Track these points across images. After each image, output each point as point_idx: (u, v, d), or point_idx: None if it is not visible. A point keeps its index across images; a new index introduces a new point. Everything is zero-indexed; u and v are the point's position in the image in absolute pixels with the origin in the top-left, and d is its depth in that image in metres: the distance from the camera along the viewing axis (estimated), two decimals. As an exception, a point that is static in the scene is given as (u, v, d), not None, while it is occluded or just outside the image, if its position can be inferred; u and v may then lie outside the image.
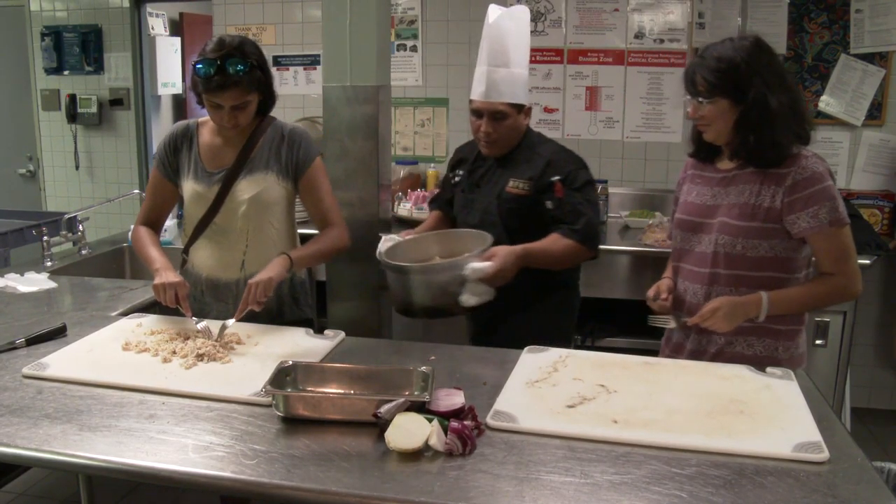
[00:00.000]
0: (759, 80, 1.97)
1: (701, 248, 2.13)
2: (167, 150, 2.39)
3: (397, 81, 4.24)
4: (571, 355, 2.00)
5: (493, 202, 2.54)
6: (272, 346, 2.06)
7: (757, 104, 1.97)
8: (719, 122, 2.03)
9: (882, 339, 4.09)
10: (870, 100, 3.98)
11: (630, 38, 4.21)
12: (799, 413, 1.66)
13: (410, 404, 1.55)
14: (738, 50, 2.00)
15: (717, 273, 2.07)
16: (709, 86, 2.00)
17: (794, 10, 3.98)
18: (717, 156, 2.17)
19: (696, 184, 2.20)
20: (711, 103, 2.00)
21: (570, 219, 2.42)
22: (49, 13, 5.12)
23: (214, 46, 2.17)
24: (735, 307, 2.00)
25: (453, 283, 2.18)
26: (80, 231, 3.41)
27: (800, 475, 1.41)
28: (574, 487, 1.37)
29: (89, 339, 2.10)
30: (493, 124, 2.46)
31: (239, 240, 2.35)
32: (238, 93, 2.17)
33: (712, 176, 2.15)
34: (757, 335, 2.08)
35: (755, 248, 2.04)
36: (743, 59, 1.98)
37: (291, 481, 1.39)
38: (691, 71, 2.05)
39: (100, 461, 1.47)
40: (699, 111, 2.04)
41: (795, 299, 2.05)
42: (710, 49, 2.04)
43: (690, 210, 2.17)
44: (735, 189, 2.07)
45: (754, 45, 2.01)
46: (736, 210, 2.05)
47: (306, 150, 2.38)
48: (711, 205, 2.12)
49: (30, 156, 5.42)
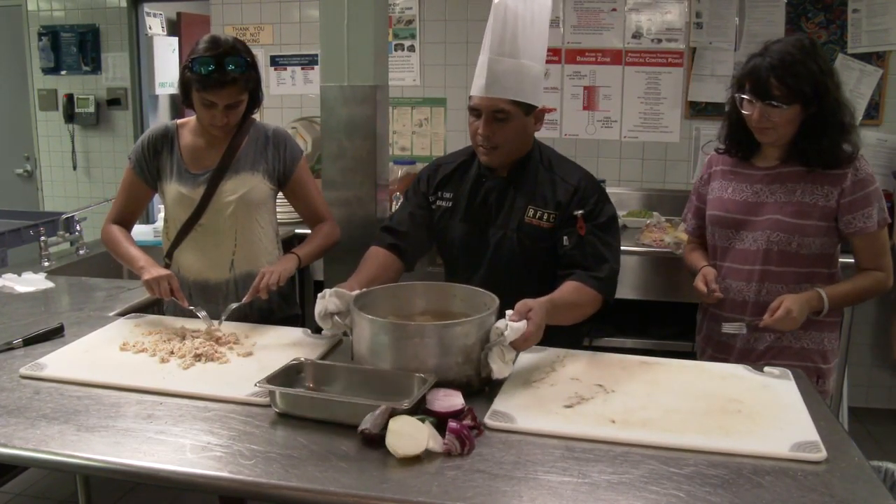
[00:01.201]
0: (831, 84, 1.99)
1: (746, 245, 2.15)
2: (145, 153, 2.37)
3: (395, 81, 4.25)
4: (569, 355, 2.00)
5: (512, 235, 2.14)
6: (270, 346, 2.05)
7: (830, 109, 1.99)
8: (788, 126, 2.03)
9: (880, 339, 4.09)
10: (867, 99, 3.99)
11: (628, 37, 4.21)
12: (796, 412, 1.66)
13: (392, 410, 1.52)
14: (809, 53, 1.99)
15: (769, 270, 2.11)
16: (788, 91, 1.98)
17: (792, 10, 3.99)
18: (755, 153, 2.17)
19: (730, 180, 2.20)
20: (788, 108, 1.99)
21: (590, 263, 2.05)
22: (46, 13, 5.12)
23: (210, 45, 2.16)
24: (803, 305, 2.03)
25: (477, 348, 1.72)
26: (77, 231, 3.41)
27: (797, 475, 1.41)
28: (572, 487, 1.37)
29: (87, 339, 2.09)
30: (493, 126, 2.05)
31: (227, 240, 2.35)
32: (234, 91, 2.17)
33: (752, 173, 2.16)
34: (804, 328, 2.11)
35: (809, 245, 2.08)
36: (817, 64, 1.98)
37: (289, 481, 1.39)
38: (764, 75, 2.00)
39: (97, 461, 1.47)
40: (770, 115, 2.01)
41: (847, 293, 2.12)
42: (777, 53, 2.00)
43: (730, 207, 2.18)
44: (783, 187, 2.10)
45: (817, 47, 2.03)
46: (790, 207, 2.07)
47: (292, 151, 2.40)
48: (755, 202, 2.13)
49: (27, 156, 5.41)
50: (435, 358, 1.69)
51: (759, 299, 2.14)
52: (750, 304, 2.16)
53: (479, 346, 1.73)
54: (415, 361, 1.69)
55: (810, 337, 2.16)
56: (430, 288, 2.02)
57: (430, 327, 1.73)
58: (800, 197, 2.08)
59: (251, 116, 2.40)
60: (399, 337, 1.72)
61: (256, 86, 2.28)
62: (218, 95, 2.16)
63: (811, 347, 2.15)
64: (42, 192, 5.36)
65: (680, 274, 3.34)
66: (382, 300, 1.94)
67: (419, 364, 1.69)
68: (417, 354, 1.69)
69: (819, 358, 2.17)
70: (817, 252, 2.11)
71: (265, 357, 1.97)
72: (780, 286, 2.12)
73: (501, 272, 2.14)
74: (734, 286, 2.17)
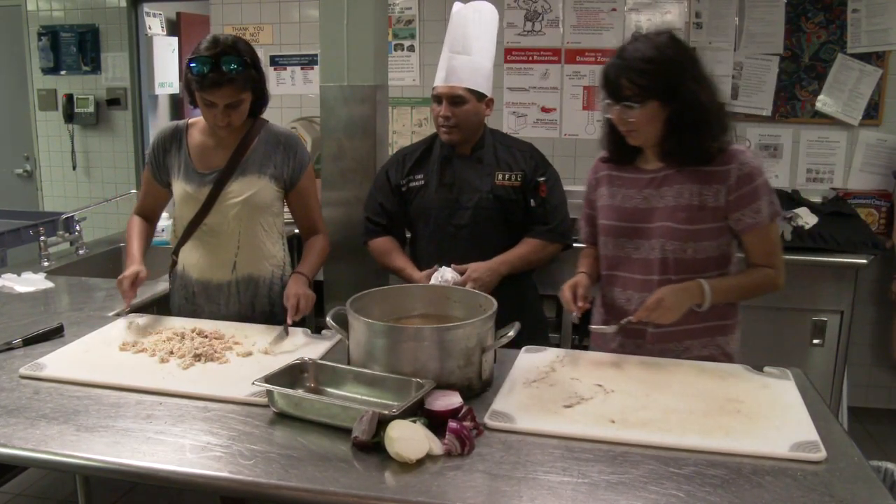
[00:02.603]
0: (688, 77, 1.89)
1: (641, 254, 2.04)
2: (156, 152, 2.40)
3: (394, 81, 4.24)
4: (569, 355, 2.00)
5: (487, 196, 2.55)
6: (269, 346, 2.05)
7: (689, 102, 1.89)
8: (649, 125, 1.93)
9: (879, 339, 4.09)
10: (867, 99, 3.98)
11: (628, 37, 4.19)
12: (796, 412, 1.66)
13: (380, 416, 1.50)
14: (661, 47, 1.90)
15: (668, 279, 1.99)
16: (638, 89, 1.89)
17: (792, 10, 3.99)
18: (637, 156, 2.07)
19: (619, 186, 2.09)
20: (642, 108, 1.90)
21: (549, 219, 2.58)
22: (46, 13, 5.12)
23: (209, 44, 2.16)
24: (678, 294, 1.92)
25: (477, 351, 1.76)
26: (77, 231, 3.41)
27: (797, 474, 1.41)
28: (571, 487, 1.37)
29: (86, 339, 2.09)
30: (452, 108, 2.48)
31: (230, 241, 2.35)
32: (232, 91, 2.17)
33: (637, 177, 2.06)
34: (697, 336, 2.05)
35: (705, 249, 1.99)
36: (669, 57, 1.89)
37: (289, 481, 1.39)
38: (613, 75, 1.93)
39: (97, 461, 1.47)
40: (627, 117, 1.93)
41: (731, 287, 2.01)
42: (630, 50, 1.93)
43: (620, 215, 2.07)
44: (671, 190, 1.99)
45: (674, 40, 1.93)
46: (681, 213, 1.97)
47: (301, 157, 2.40)
48: (646, 208, 2.03)
49: (27, 156, 5.41)
50: (436, 361, 1.69)
51: None
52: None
53: (480, 348, 1.74)
54: (414, 365, 1.69)
55: (715, 344, 2.06)
56: (426, 290, 2.05)
57: (429, 330, 1.72)
58: (689, 200, 1.97)
59: (261, 118, 2.40)
60: (397, 340, 1.72)
61: (258, 85, 2.28)
62: (216, 95, 2.16)
63: (714, 353, 2.06)
64: (42, 192, 5.36)
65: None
66: (377, 303, 1.94)
67: (419, 367, 1.68)
68: (417, 358, 1.69)
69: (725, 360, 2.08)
70: (715, 254, 2.01)
71: (265, 357, 1.97)
72: None
73: (482, 227, 2.55)
74: (635, 297, 2.05)
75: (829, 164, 4.09)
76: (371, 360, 1.74)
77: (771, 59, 4.05)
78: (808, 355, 3.47)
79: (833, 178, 4.10)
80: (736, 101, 4.10)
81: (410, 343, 1.70)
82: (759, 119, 4.11)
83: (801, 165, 4.13)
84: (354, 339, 1.80)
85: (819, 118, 4.04)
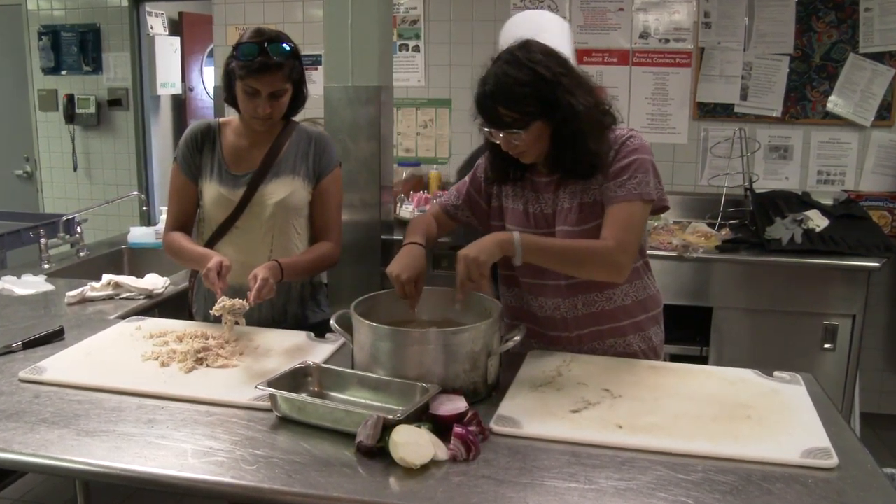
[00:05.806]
0: (561, 90, 1.82)
1: None
2: (190, 149, 2.31)
3: (400, 82, 4.23)
4: (575, 359, 1.98)
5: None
6: (272, 350, 2.03)
7: (567, 115, 1.83)
8: (538, 143, 1.88)
9: (892, 343, 4.06)
10: (879, 100, 3.96)
11: (635, 37, 4.19)
12: (807, 418, 1.64)
13: (385, 421, 1.49)
14: (529, 66, 1.82)
15: (576, 283, 1.97)
16: (519, 115, 1.83)
17: (802, 9, 3.97)
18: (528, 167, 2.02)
19: (524, 189, 2.05)
20: (527, 131, 1.85)
21: None
22: (47, 12, 5.12)
23: (254, 33, 2.15)
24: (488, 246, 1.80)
25: (483, 354, 1.74)
26: (77, 233, 3.40)
27: (808, 481, 1.39)
28: (578, 493, 1.35)
29: (87, 342, 2.08)
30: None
31: (263, 243, 2.29)
32: (279, 78, 2.14)
33: (539, 180, 2.02)
34: (623, 333, 2.03)
35: None
36: (541, 75, 1.81)
37: (292, 487, 1.37)
38: (488, 106, 1.85)
39: (97, 466, 1.45)
40: (514, 141, 1.87)
41: (555, 246, 1.89)
42: (499, 76, 1.83)
43: (522, 222, 2.03)
44: (566, 192, 1.96)
45: (532, 53, 1.85)
46: (573, 216, 1.94)
47: (330, 157, 2.35)
48: (550, 213, 1.99)
49: (27, 156, 5.41)
50: (442, 365, 1.67)
51: (578, 313, 2.02)
52: (571, 320, 2.02)
53: (486, 352, 1.72)
54: (419, 369, 1.67)
55: (640, 337, 2.05)
56: (432, 294, 2.00)
57: (434, 334, 1.70)
58: (580, 198, 1.93)
59: (293, 119, 2.36)
60: (402, 344, 1.70)
61: (301, 78, 2.24)
62: (262, 81, 2.12)
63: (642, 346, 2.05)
64: (42, 193, 5.36)
65: (688, 277, 3.32)
66: (382, 306, 1.92)
67: (424, 371, 1.66)
68: (422, 362, 1.67)
69: (652, 355, 2.07)
70: None
71: (267, 360, 1.95)
72: (594, 294, 1.99)
73: None
74: (549, 304, 2.02)
75: (841, 165, 4.07)
76: (375, 363, 1.73)
77: (781, 59, 4.03)
78: (819, 360, 3.44)
79: (844, 180, 4.08)
80: (745, 101, 4.09)
81: (415, 347, 1.69)
82: (769, 120, 4.09)
83: (811, 167, 4.11)
84: (359, 343, 1.78)
85: (830, 119, 4.02)
